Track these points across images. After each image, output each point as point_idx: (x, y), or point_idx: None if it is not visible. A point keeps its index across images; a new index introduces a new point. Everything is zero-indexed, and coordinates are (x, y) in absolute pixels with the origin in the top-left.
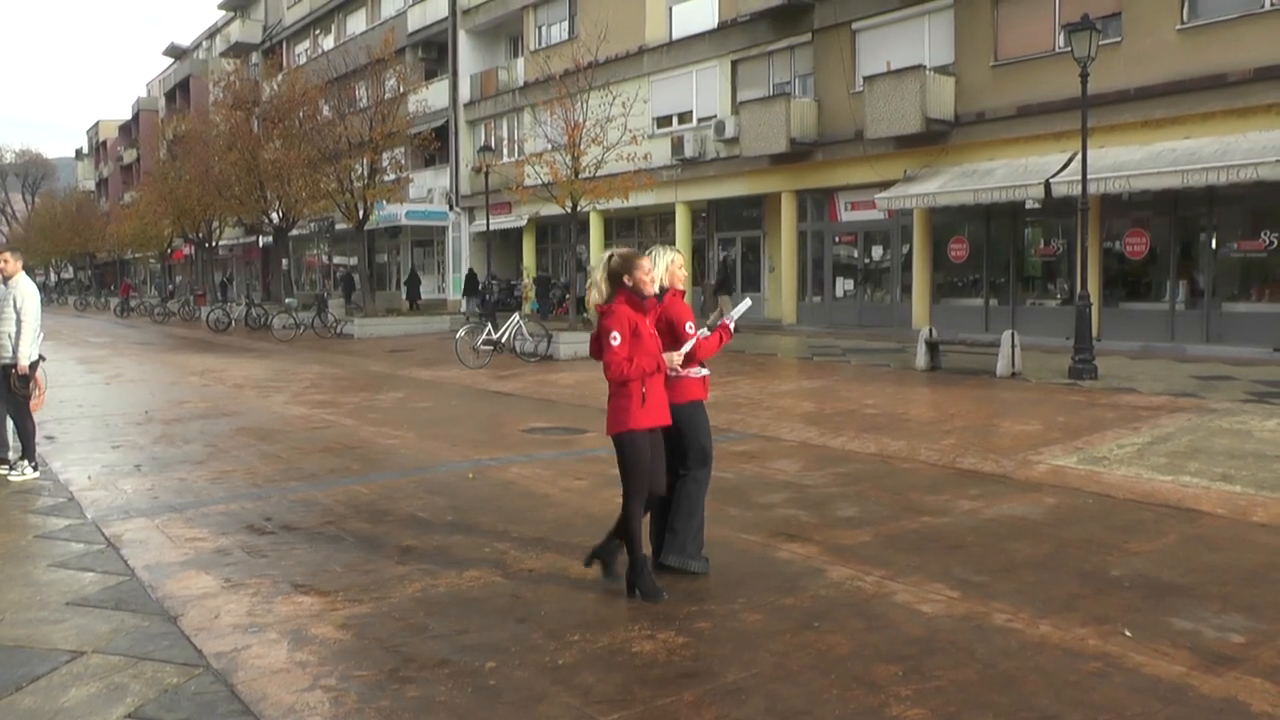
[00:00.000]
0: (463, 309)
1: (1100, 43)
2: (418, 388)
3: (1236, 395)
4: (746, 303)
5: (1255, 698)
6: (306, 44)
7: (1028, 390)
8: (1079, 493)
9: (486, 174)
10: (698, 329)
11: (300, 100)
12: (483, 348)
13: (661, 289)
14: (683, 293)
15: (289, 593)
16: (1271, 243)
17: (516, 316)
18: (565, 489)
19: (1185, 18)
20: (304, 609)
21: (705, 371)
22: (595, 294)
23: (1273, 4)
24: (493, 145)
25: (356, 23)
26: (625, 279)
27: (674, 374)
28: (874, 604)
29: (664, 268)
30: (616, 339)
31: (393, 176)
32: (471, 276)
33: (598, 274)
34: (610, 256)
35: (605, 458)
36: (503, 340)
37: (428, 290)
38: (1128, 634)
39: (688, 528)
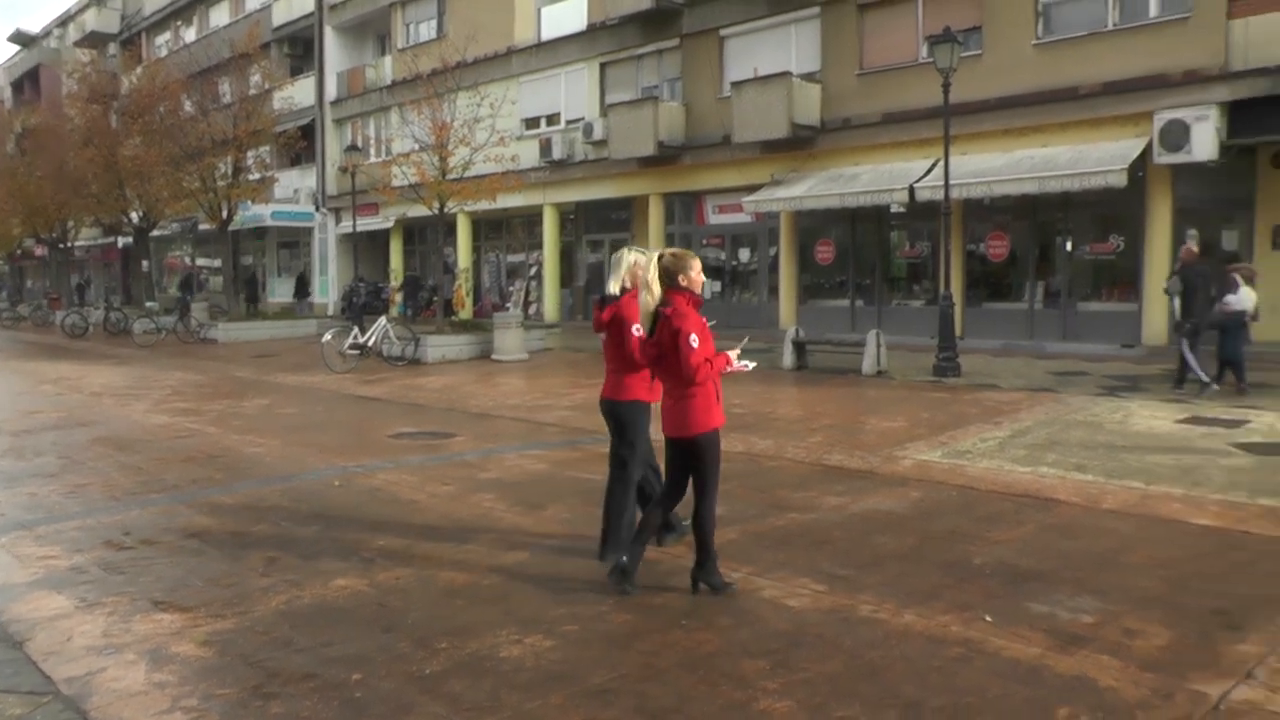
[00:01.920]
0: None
1: (961, 55)
2: (283, 394)
3: (1090, 390)
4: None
5: (1103, 674)
6: (167, 35)
7: (893, 388)
8: (943, 486)
9: (353, 174)
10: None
11: (161, 94)
12: (349, 352)
13: (622, 289)
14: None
15: (148, 611)
16: (1120, 246)
17: (383, 320)
18: (432, 494)
19: (1040, 33)
20: (164, 627)
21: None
22: (647, 295)
23: (1116, 24)
24: (360, 145)
25: (220, 15)
26: (680, 279)
27: (728, 370)
28: (741, 600)
29: (625, 268)
30: (695, 340)
31: (258, 176)
32: (411, 280)
33: (649, 274)
34: (661, 255)
35: (473, 462)
36: (369, 344)
37: (284, 293)
38: (989, 619)
39: (621, 523)
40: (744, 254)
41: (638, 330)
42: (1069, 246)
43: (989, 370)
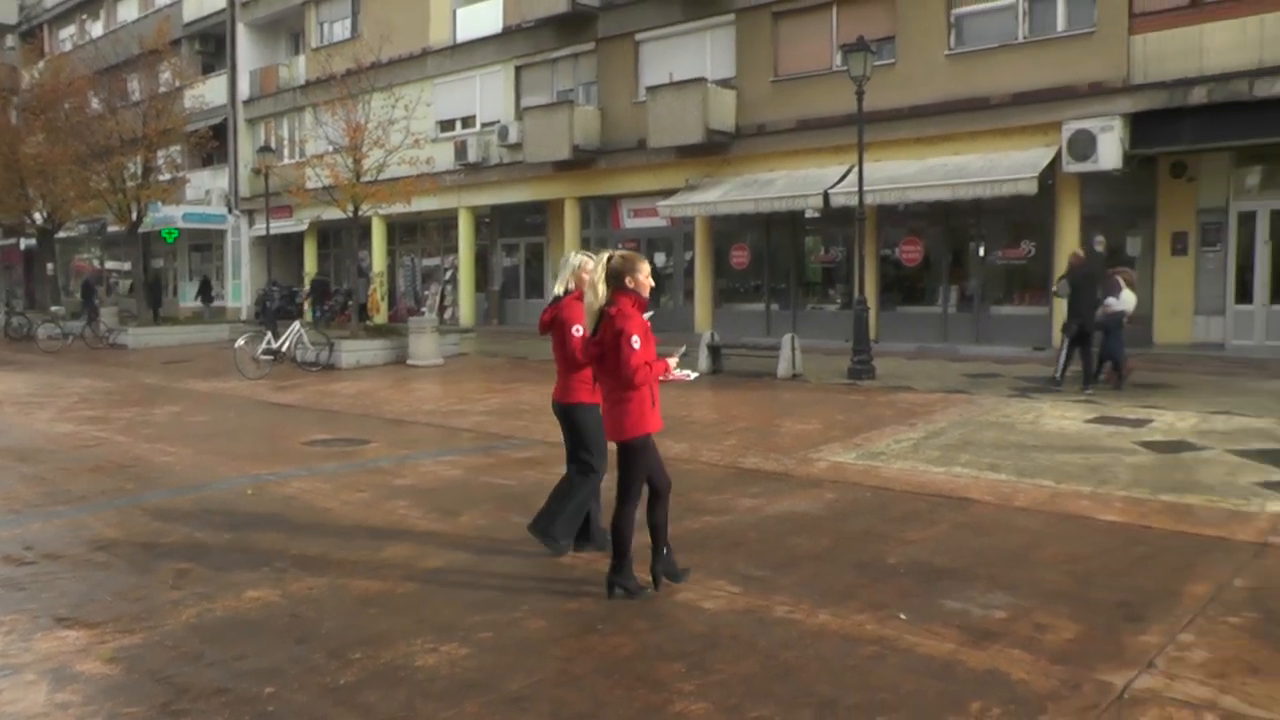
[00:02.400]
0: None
1: (875, 63)
2: (195, 400)
3: (1002, 391)
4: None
5: (1014, 667)
6: (72, 29)
7: (808, 391)
8: (857, 487)
9: (266, 176)
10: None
11: (66, 90)
12: (262, 357)
13: (566, 290)
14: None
15: (51, 628)
16: (1031, 251)
17: (297, 325)
18: (346, 502)
19: (952, 44)
20: (68, 644)
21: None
22: (591, 295)
23: (1026, 37)
24: (273, 146)
25: (128, 10)
26: (627, 280)
27: (664, 378)
28: (657, 604)
29: (572, 270)
30: (637, 342)
31: (168, 176)
32: (319, 284)
33: (597, 275)
34: (610, 257)
35: (387, 469)
36: (283, 349)
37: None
38: (903, 617)
39: (560, 508)
40: (659, 258)
41: (578, 331)
42: (981, 252)
43: (903, 373)
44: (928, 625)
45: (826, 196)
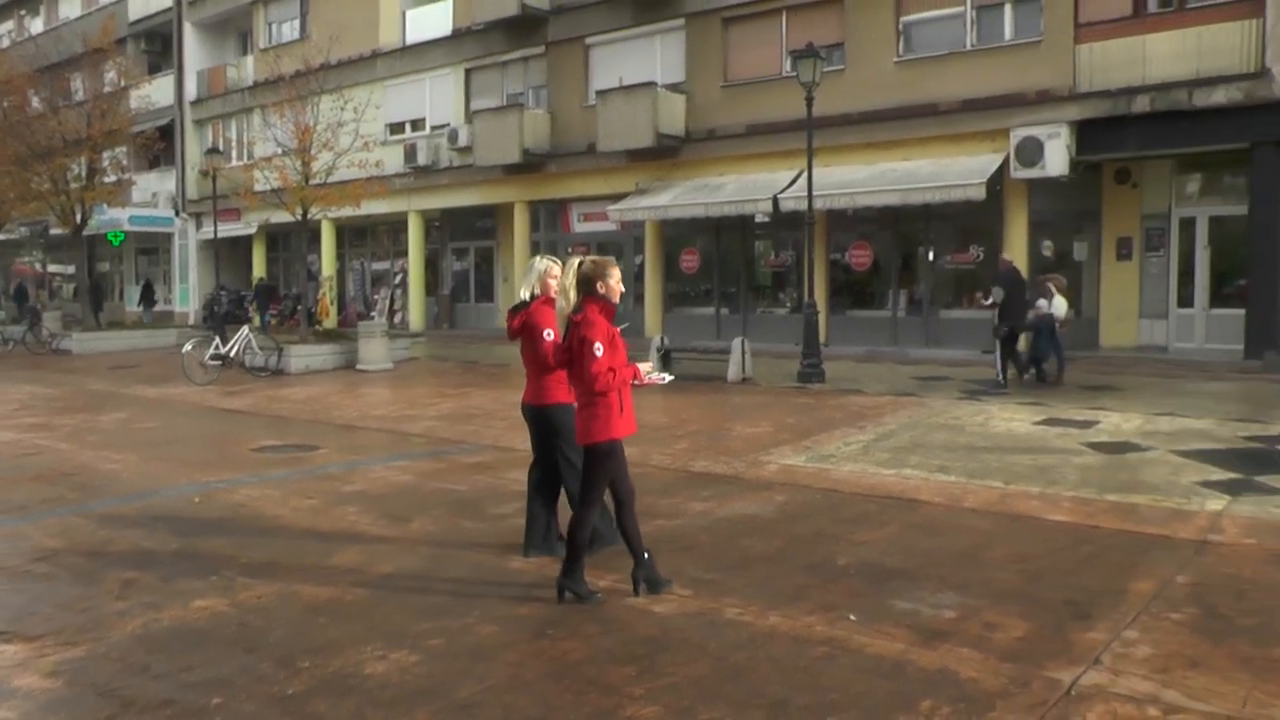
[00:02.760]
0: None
1: (825, 70)
2: (142, 407)
3: (952, 394)
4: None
5: (964, 666)
6: (10, 25)
7: (758, 394)
8: (808, 489)
9: (214, 178)
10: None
11: (5, 88)
12: (210, 363)
13: (532, 295)
14: (553, 300)
15: None
16: (980, 256)
17: (246, 330)
18: (295, 509)
19: (901, 51)
20: (6, 659)
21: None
22: (563, 301)
23: (974, 45)
24: (221, 147)
25: (70, 6)
26: (598, 286)
27: (637, 383)
28: (608, 608)
29: (538, 275)
30: (599, 349)
31: (114, 178)
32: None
33: (567, 280)
34: (581, 263)
35: (337, 475)
36: (231, 355)
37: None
38: (853, 618)
39: (538, 524)
40: None
41: (549, 335)
42: (931, 256)
43: (853, 376)
44: (878, 626)
45: (776, 201)
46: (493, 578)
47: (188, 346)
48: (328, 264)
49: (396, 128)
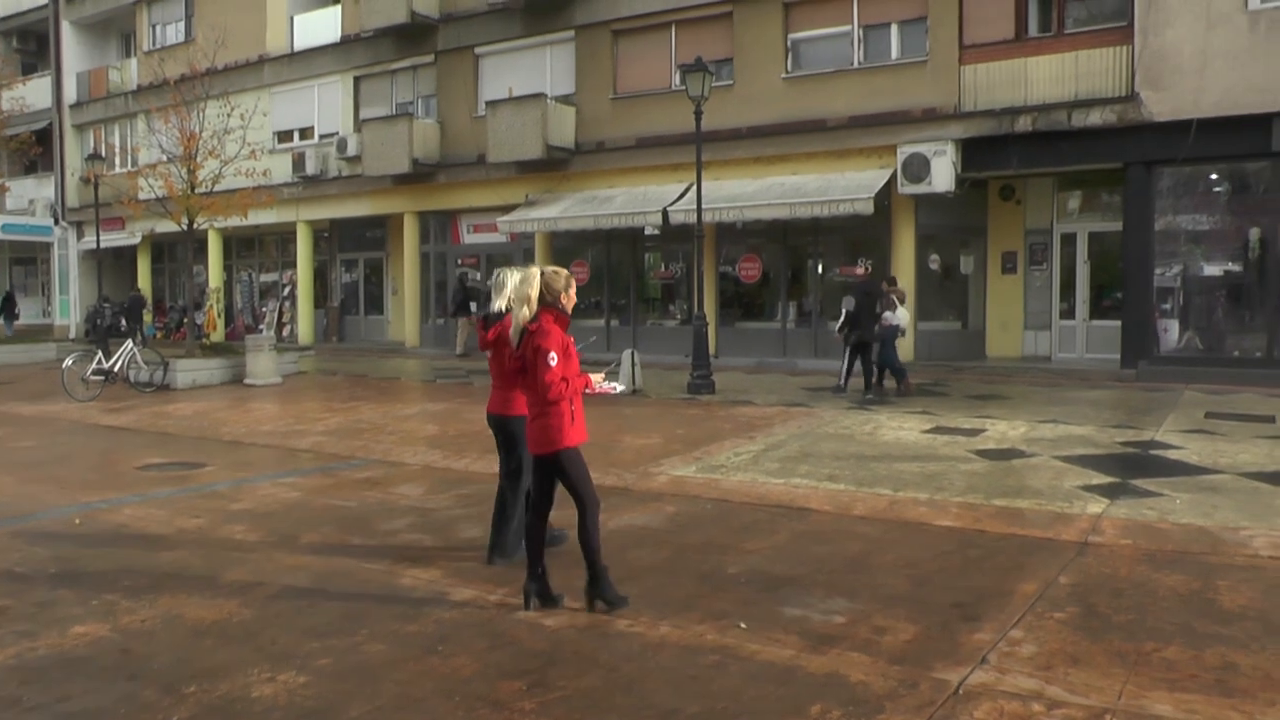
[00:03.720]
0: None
1: (714, 84)
2: (18, 425)
3: (841, 404)
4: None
5: (854, 670)
6: None
7: (649, 406)
8: (698, 500)
9: (96, 185)
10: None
11: None
12: (93, 378)
13: (507, 307)
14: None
15: None
16: (868, 269)
17: (130, 343)
18: (181, 529)
19: (789, 68)
20: None
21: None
22: (525, 311)
23: (861, 63)
24: (103, 153)
25: None
26: (562, 298)
27: (589, 392)
28: (497, 623)
29: (511, 288)
30: (554, 359)
31: None
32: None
33: (530, 290)
34: (543, 273)
35: (224, 492)
36: (115, 369)
37: (30, 314)
38: (743, 626)
39: (507, 530)
40: None
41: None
42: (820, 269)
43: (743, 387)
44: (768, 633)
45: (666, 214)
46: (382, 595)
47: (68, 361)
48: (215, 275)
49: (285, 136)
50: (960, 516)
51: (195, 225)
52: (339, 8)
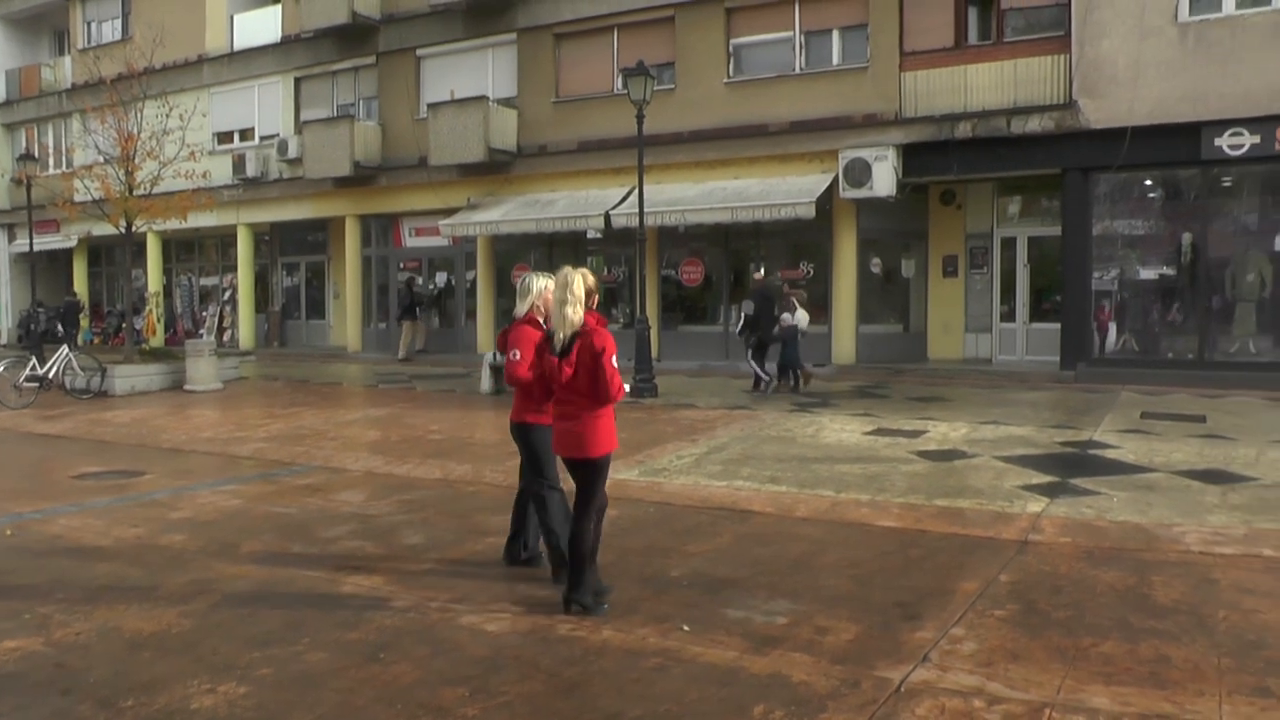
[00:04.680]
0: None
1: (655, 88)
2: None
3: (784, 407)
4: None
5: (796, 670)
6: None
7: None
8: (640, 503)
9: (29, 186)
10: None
11: None
12: (26, 385)
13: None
14: (536, 320)
15: None
16: (810, 272)
17: (65, 349)
18: (119, 539)
19: (731, 73)
20: None
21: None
22: (575, 311)
23: (803, 69)
24: (36, 154)
25: None
26: (594, 300)
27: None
28: (439, 629)
29: (537, 293)
30: (617, 360)
31: None
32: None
33: (578, 290)
34: (584, 275)
35: (163, 501)
36: (50, 376)
37: None
38: (686, 629)
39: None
40: (441, 277)
41: (515, 355)
42: (762, 273)
43: (685, 390)
44: (711, 635)
45: (608, 217)
46: (323, 603)
47: (0, 368)
48: (154, 279)
49: (225, 137)
50: (902, 517)
51: (134, 228)
52: (279, 7)
